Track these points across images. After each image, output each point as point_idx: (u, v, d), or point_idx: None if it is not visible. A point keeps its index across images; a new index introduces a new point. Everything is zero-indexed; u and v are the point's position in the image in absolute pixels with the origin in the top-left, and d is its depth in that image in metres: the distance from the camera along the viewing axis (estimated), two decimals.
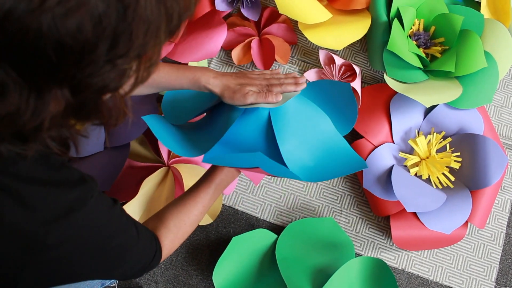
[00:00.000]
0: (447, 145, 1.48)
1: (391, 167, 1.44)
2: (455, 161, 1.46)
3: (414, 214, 1.44)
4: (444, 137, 1.50)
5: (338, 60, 1.50)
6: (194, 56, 1.45)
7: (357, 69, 1.49)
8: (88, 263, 0.70)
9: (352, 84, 1.47)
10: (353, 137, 1.52)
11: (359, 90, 1.48)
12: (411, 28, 1.54)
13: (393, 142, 1.50)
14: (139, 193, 1.37)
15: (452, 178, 1.46)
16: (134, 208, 1.38)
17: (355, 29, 1.50)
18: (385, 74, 1.43)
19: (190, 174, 1.40)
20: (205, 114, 1.11)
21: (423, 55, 1.46)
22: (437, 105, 1.49)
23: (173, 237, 0.92)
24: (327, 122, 1.00)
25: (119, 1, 0.48)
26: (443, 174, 1.47)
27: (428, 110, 1.52)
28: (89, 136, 0.65)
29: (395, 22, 1.45)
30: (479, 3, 1.57)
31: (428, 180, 1.47)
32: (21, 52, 0.46)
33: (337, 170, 0.96)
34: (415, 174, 1.48)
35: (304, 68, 1.60)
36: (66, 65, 0.48)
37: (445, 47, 1.53)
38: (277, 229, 1.46)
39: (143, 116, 0.98)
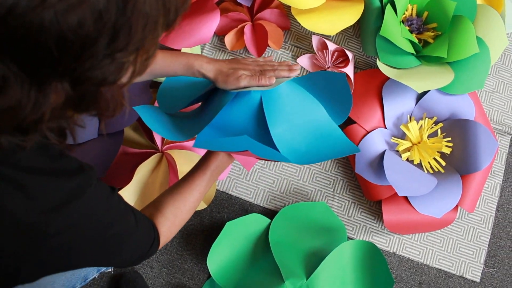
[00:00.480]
0: (439, 131, 1.50)
1: (383, 152, 1.46)
2: (446, 146, 1.47)
3: (405, 198, 1.46)
4: (436, 122, 1.52)
5: (331, 46, 1.51)
6: (187, 42, 1.45)
7: (350, 55, 1.50)
8: (87, 251, 0.71)
9: (345, 70, 1.47)
10: (345, 122, 1.53)
11: (351, 75, 1.49)
12: (404, 14, 1.55)
13: (385, 128, 1.51)
14: (133, 179, 1.38)
15: (443, 163, 1.47)
16: (128, 194, 1.39)
17: (348, 14, 1.50)
18: (377, 60, 1.44)
19: (184, 160, 1.41)
20: (200, 104, 1.11)
21: (416, 41, 1.47)
22: (429, 90, 1.50)
23: (170, 224, 0.93)
24: (319, 108, 1.01)
25: None
26: (434, 159, 1.48)
27: (420, 96, 1.53)
28: (85, 124, 0.65)
29: (388, 8, 1.45)
30: None
31: (419, 165, 1.49)
32: (23, 47, 0.47)
33: (328, 154, 0.97)
34: (407, 159, 1.49)
35: (297, 54, 1.61)
36: (67, 59, 0.49)
37: (438, 32, 1.53)
38: (270, 213, 1.48)
39: (135, 106, 0.99)
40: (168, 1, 0.54)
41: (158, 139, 1.43)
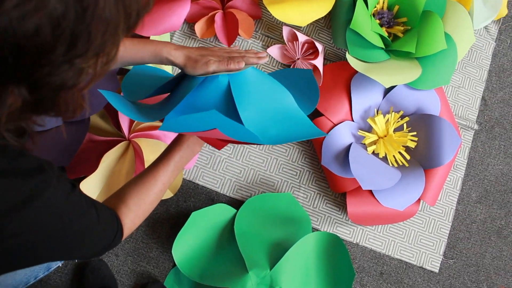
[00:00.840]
0: (404, 125, 1.52)
1: (350, 145, 1.48)
2: (411, 140, 1.50)
3: (370, 191, 1.48)
4: (402, 117, 1.54)
5: (301, 37, 1.51)
6: (157, 29, 1.43)
7: (320, 47, 1.50)
8: (48, 248, 0.71)
9: (314, 62, 1.48)
10: (312, 114, 1.54)
11: (321, 68, 1.50)
12: (375, 7, 1.55)
13: (353, 120, 1.53)
14: (100, 167, 1.37)
15: (408, 157, 1.50)
16: (94, 182, 1.38)
17: (320, 6, 1.50)
18: (347, 53, 1.44)
19: (151, 148, 1.41)
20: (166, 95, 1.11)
21: (385, 35, 1.48)
22: (397, 85, 1.52)
23: (133, 216, 0.93)
24: (287, 95, 1.02)
25: (77, 3, 0.48)
26: (399, 153, 1.51)
27: (388, 90, 1.54)
28: (46, 124, 0.65)
29: (359, 1, 1.45)
30: None
31: (384, 158, 1.52)
32: None
33: (295, 136, 0.98)
34: (373, 152, 1.52)
35: (267, 43, 1.60)
36: (23, 65, 0.48)
37: (407, 27, 1.54)
38: (237, 203, 1.49)
39: (102, 90, 0.98)
40: (129, 5, 0.53)
41: (125, 127, 1.42)
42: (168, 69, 1.47)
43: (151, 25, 1.42)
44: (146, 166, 1.37)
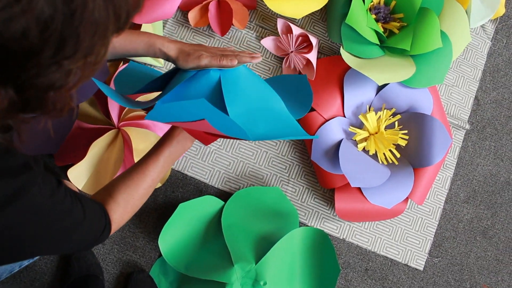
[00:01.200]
0: (396, 123, 1.51)
1: (340, 141, 1.47)
2: (402, 138, 1.50)
3: (358, 188, 1.48)
4: (394, 114, 1.53)
5: (296, 30, 1.49)
6: (149, 17, 1.40)
7: (314, 41, 1.48)
8: (32, 246, 0.71)
9: (308, 56, 1.46)
10: None
11: (314, 62, 1.48)
12: (372, 1, 1.53)
13: (344, 116, 1.52)
14: (88, 155, 1.36)
15: (398, 155, 1.50)
16: (82, 170, 1.37)
17: None
18: (341, 48, 1.43)
19: (140, 138, 1.40)
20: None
21: (381, 30, 1.46)
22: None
23: (122, 211, 0.92)
24: (276, 97, 1.01)
25: (66, 5, 0.47)
26: (390, 150, 1.51)
27: (381, 86, 1.53)
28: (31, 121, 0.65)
29: None
30: None
31: (375, 156, 1.51)
32: None
33: (282, 134, 0.98)
34: (363, 149, 1.51)
35: (261, 35, 1.58)
36: (10, 67, 0.48)
37: (404, 23, 1.53)
38: (225, 195, 1.49)
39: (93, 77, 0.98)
40: (118, 7, 0.52)
41: (114, 115, 1.41)
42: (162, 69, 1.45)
43: (144, 12, 1.39)
44: (134, 155, 1.36)
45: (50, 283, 1.37)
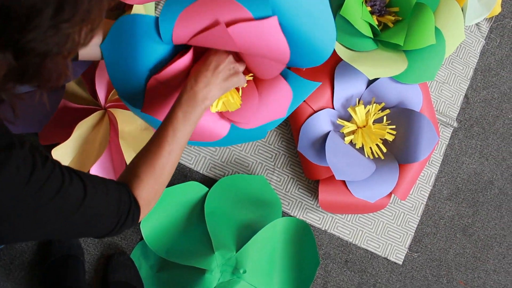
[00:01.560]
0: (384, 117, 1.51)
1: (327, 133, 1.47)
2: (389, 133, 1.50)
3: (343, 181, 1.49)
4: (383, 109, 1.53)
5: None
6: None
7: None
8: (9, 226, 0.69)
9: None
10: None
11: None
12: None
13: (333, 108, 1.52)
14: (73, 135, 1.34)
15: (385, 150, 1.50)
16: (66, 150, 1.36)
17: None
18: None
19: (126, 120, 1.38)
20: None
21: (375, 24, 1.45)
22: None
23: (147, 186, 0.87)
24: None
25: None
26: (376, 145, 1.51)
27: (372, 80, 1.53)
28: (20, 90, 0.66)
29: None
30: None
31: (361, 149, 1.52)
32: None
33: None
34: (350, 142, 1.51)
35: None
36: (10, 29, 0.50)
37: (399, 17, 1.51)
38: (210, 181, 1.49)
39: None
40: None
41: (101, 95, 1.39)
42: None
43: None
44: (120, 137, 1.35)
45: (30, 261, 1.37)
